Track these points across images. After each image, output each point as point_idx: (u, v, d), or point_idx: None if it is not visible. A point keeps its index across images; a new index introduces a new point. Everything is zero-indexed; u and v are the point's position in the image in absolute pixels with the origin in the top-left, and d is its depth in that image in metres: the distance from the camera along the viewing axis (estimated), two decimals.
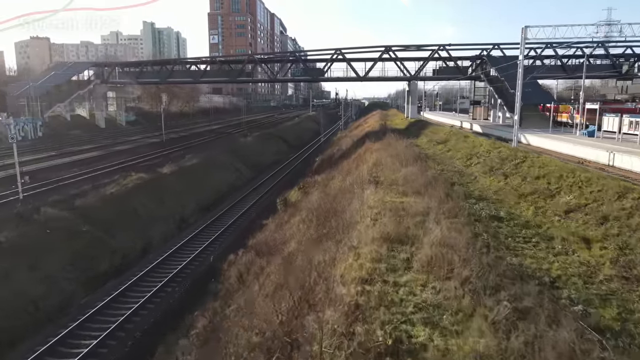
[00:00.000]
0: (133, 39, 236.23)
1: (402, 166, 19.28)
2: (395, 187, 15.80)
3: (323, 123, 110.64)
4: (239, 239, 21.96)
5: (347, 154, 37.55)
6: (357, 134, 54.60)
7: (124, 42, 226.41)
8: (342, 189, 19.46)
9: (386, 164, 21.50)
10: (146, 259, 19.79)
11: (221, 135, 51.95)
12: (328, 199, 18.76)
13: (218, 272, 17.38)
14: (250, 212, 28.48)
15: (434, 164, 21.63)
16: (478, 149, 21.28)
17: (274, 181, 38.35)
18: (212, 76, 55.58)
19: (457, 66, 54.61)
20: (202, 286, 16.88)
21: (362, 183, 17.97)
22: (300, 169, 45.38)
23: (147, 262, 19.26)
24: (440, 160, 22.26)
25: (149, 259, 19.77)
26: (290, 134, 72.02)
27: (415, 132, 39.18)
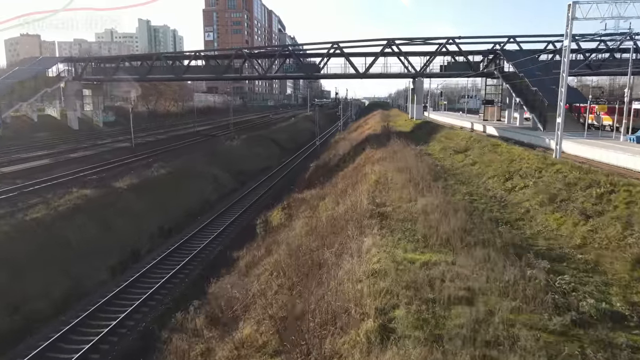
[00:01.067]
0: (128, 37, 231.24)
1: (416, 190, 13.88)
2: (410, 229, 10.40)
3: (321, 124, 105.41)
4: (197, 283, 16.52)
5: (343, 162, 32.15)
6: (356, 137, 49.14)
7: (118, 40, 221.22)
8: (334, 220, 14.03)
9: (393, 183, 16.12)
10: (59, 319, 14.25)
11: (205, 138, 46.56)
12: (312, 237, 13.32)
13: None
14: (223, 236, 23.04)
15: (457, 184, 16.18)
16: (519, 165, 15.68)
17: (259, 193, 32.90)
18: (196, 72, 50.23)
19: (467, 61, 49.09)
20: None
21: (360, 216, 12.54)
22: (291, 177, 39.97)
23: (59, 325, 13.78)
24: (466, 179, 16.82)
25: (63, 320, 14.22)
26: (284, 135, 66.64)
27: (424, 136, 33.66)
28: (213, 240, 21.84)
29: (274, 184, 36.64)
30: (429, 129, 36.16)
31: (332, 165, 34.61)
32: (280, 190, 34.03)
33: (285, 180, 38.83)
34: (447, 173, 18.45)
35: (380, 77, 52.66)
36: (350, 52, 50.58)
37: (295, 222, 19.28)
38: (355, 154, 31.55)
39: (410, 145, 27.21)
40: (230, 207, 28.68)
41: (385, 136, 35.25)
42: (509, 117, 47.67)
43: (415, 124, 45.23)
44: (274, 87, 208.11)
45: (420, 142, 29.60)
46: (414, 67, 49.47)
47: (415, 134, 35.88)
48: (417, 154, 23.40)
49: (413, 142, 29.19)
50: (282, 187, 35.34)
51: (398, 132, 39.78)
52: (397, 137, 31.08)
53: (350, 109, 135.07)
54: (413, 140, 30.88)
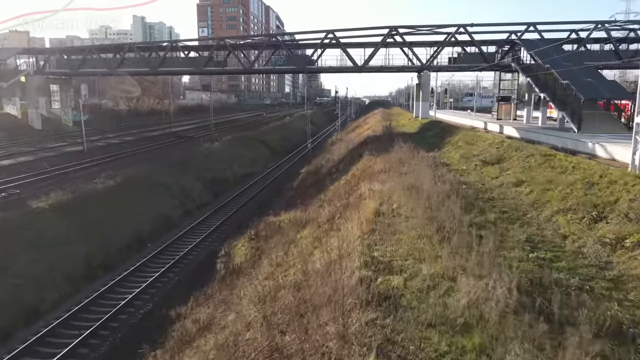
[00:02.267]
0: (122, 34, 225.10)
1: (440, 237, 8.06)
2: None
3: (319, 123, 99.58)
4: None
5: (336, 171, 26.32)
6: (353, 138, 43.23)
7: (112, 37, 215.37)
8: (306, 279, 8.17)
9: (402, 216, 10.36)
10: None
11: (181, 140, 40.73)
12: (262, 329, 7.44)
13: None
14: (169, 275, 17.16)
15: (502, 221, 10.08)
16: (609, 191, 9.96)
17: (234, 208, 27.03)
18: (174, 65, 44.41)
19: (480, 52, 43.12)
20: None
21: (345, 296, 6.65)
22: (277, 187, 34.13)
23: None
24: (513, 211, 10.64)
25: None
26: (276, 136, 60.79)
27: (435, 139, 27.69)
28: (151, 286, 15.94)
29: (254, 196, 30.75)
30: (439, 130, 30.16)
31: (323, 174, 28.75)
32: (260, 205, 28.17)
33: (269, 191, 32.97)
34: (480, 197, 12.52)
35: (382, 70, 46.71)
36: (348, 42, 44.67)
37: (261, 265, 13.47)
38: (351, 161, 25.66)
39: (419, 151, 21.29)
40: (193, 227, 22.81)
41: (387, 138, 29.33)
42: (527, 115, 41.75)
43: (421, 124, 39.25)
44: (272, 85, 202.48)
45: (432, 148, 23.66)
46: (420, 59, 43.54)
47: (423, 137, 29.90)
48: (430, 164, 17.47)
49: (422, 147, 23.27)
50: (263, 201, 29.46)
51: (402, 133, 33.87)
52: (401, 139, 25.13)
53: (350, 107, 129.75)
54: (422, 144, 24.97)
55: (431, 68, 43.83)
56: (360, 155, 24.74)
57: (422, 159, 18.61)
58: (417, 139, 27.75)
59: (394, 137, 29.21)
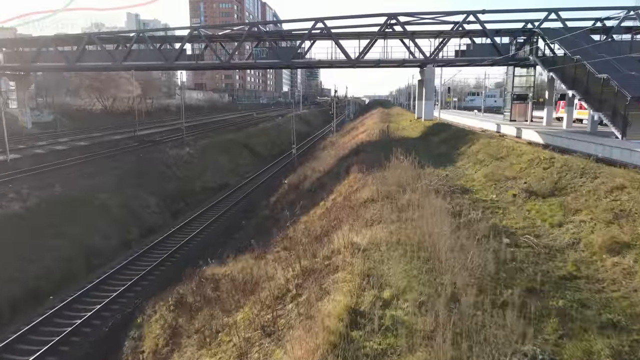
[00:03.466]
0: None
1: None
2: None
3: (315, 123, 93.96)
4: None
5: (317, 190, 20.55)
6: (346, 142, 37.48)
7: None
8: None
9: (405, 343, 4.54)
10: None
11: (145, 145, 34.98)
12: None
13: None
14: None
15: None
16: None
17: (189, 235, 21.24)
18: (141, 59, 38.65)
19: (493, 44, 37.30)
20: None
21: None
22: (251, 203, 28.45)
23: None
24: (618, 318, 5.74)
25: None
26: (262, 139, 55.18)
27: (444, 146, 21.83)
28: None
29: (221, 215, 25.01)
30: (448, 136, 24.28)
31: (304, 191, 23.03)
32: (224, 230, 22.47)
33: (241, 207, 27.26)
34: (546, 276, 6.70)
35: (379, 65, 40.94)
36: (340, 32, 38.90)
37: None
38: (336, 177, 19.88)
39: (424, 167, 15.56)
40: (117, 271, 16.98)
41: (383, 146, 23.58)
42: (548, 116, 35.94)
43: (425, 126, 33.36)
44: (268, 84, 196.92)
45: (442, 161, 17.85)
46: (423, 51, 37.75)
47: (429, 144, 24.06)
48: (443, 191, 11.71)
49: (428, 160, 17.49)
50: (230, 223, 23.74)
51: (402, 138, 28.18)
52: (401, 147, 19.35)
53: (349, 107, 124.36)
54: (427, 155, 19.19)
55: (436, 62, 38.03)
56: (348, 169, 18.99)
57: (431, 182, 12.83)
58: (421, 147, 21.96)
59: (391, 145, 23.47)
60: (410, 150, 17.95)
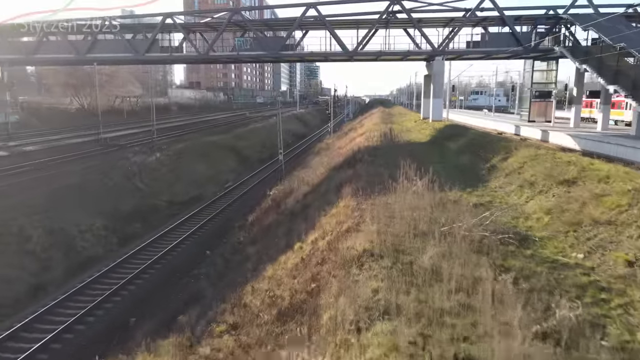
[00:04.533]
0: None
1: None
2: None
3: (313, 124, 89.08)
4: None
5: (299, 213, 15.62)
6: (341, 147, 32.50)
7: None
8: None
9: None
10: None
11: (108, 150, 29.99)
12: None
13: None
14: None
15: None
16: None
17: (131, 273, 16.25)
18: (107, 50, 33.65)
19: (512, 33, 32.29)
20: None
21: None
22: (226, 222, 23.51)
23: None
24: None
25: None
26: (252, 141, 50.10)
27: (466, 156, 16.74)
28: None
29: (183, 241, 20.02)
30: (468, 141, 19.17)
31: (285, 213, 18.09)
32: (182, 264, 17.53)
33: (210, 230, 22.29)
34: None
35: (380, 58, 36.01)
36: (336, 20, 33.98)
37: None
38: (324, 197, 14.89)
39: (444, 188, 10.62)
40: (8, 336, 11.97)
41: (385, 153, 18.69)
42: (576, 116, 30.99)
43: (435, 128, 28.24)
44: (266, 83, 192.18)
45: (468, 179, 12.90)
46: (430, 41, 32.76)
47: (443, 151, 19.01)
48: (489, 246, 6.78)
49: (447, 175, 12.51)
50: (188, 255, 18.76)
51: (408, 143, 23.20)
52: (408, 156, 14.41)
53: (349, 106, 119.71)
54: (444, 167, 14.22)
55: (446, 53, 33.00)
56: (339, 189, 14.02)
57: (462, 220, 7.86)
58: (434, 156, 16.97)
59: (396, 152, 18.48)
60: (422, 161, 12.99)
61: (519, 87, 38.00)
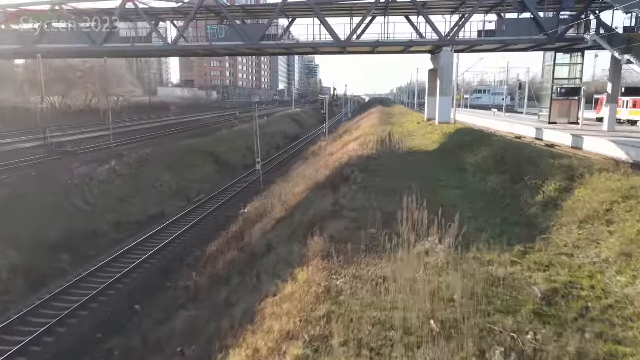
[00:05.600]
0: None
1: None
2: None
3: (310, 124, 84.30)
4: None
5: (261, 258, 10.74)
6: (333, 153, 27.62)
7: None
8: None
9: None
10: None
11: (53, 158, 25.10)
12: None
13: None
14: None
15: None
16: None
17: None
18: (59, 41, 28.64)
19: (534, 18, 27.34)
20: None
21: None
22: (185, 248, 18.70)
23: None
24: None
25: None
26: (236, 145, 45.14)
27: (496, 178, 11.69)
28: None
29: (115, 282, 15.17)
30: (494, 153, 14.00)
31: (244, 252, 13.24)
32: (101, 323, 12.71)
33: (160, 262, 17.45)
34: None
35: (378, 50, 31.09)
36: (326, 6, 29.04)
37: None
38: (288, 248, 9.97)
39: (471, 244, 5.77)
40: None
41: (380, 170, 13.83)
42: (610, 117, 26.05)
43: (444, 133, 23.20)
44: (263, 81, 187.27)
45: (513, 223, 8.07)
46: (437, 29, 27.81)
47: (459, 168, 14.02)
48: None
49: (473, 213, 7.71)
50: (118, 307, 13.90)
51: (411, 153, 18.36)
52: (412, 175, 9.57)
53: (348, 105, 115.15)
54: (465, 196, 9.35)
55: (455, 43, 28.04)
56: (310, 233, 9.14)
57: None
58: (447, 174, 12.13)
59: (395, 167, 13.62)
60: (431, 184, 8.17)
61: (540, 83, 33.02)
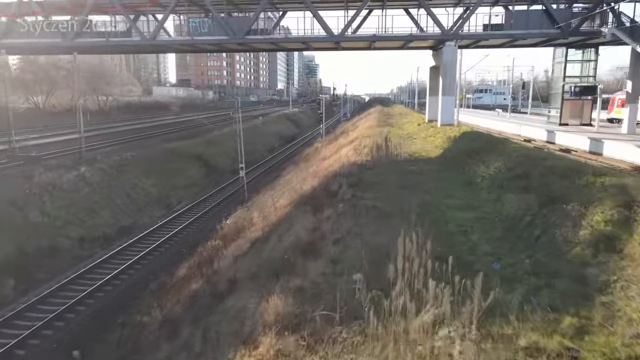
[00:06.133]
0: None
1: None
2: None
3: (308, 124, 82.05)
4: None
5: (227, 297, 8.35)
6: (325, 158, 25.27)
7: None
8: None
9: None
10: None
11: (15, 164, 22.76)
12: None
13: None
14: None
15: None
16: None
17: None
18: (27, 35, 26.06)
19: (546, 10, 24.94)
20: None
21: None
22: (151, 270, 16.37)
23: None
24: None
25: None
26: (226, 147, 42.57)
27: (514, 196, 9.33)
28: None
29: (47, 323, 12.81)
30: (511, 164, 11.54)
31: (210, 282, 10.86)
32: None
33: (117, 292, 15.08)
34: None
35: (374, 46, 28.74)
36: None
37: None
38: (249, 300, 7.60)
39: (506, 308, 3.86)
40: None
41: (375, 183, 11.42)
42: (630, 119, 23.67)
43: (447, 136, 20.75)
44: (261, 80, 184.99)
45: (551, 274, 5.68)
46: (440, 22, 25.40)
47: (469, 182, 11.62)
48: None
49: (493, 249, 5.40)
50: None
51: (411, 160, 16.02)
52: (412, 191, 7.13)
53: (347, 105, 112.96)
54: (481, 223, 7.04)
55: (459, 37, 25.62)
56: (281, 271, 6.72)
57: None
58: (455, 189, 9.80)
59: (392, 181, 11.26)
60: (436, 204, 5.86)
61: (551, 81, 30.65)
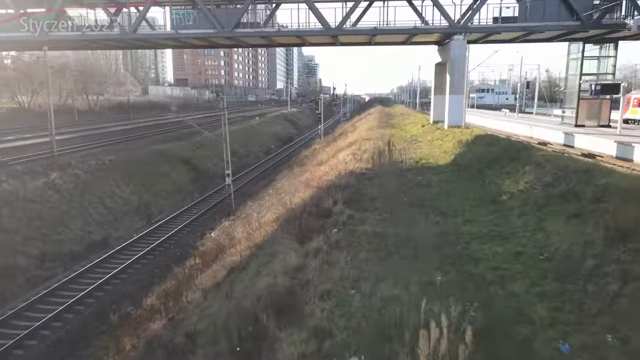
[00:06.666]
0: None
1: None
2: None
3: (306, 124, 79.90)
4: None
5: None
6: (320, 163, 23.06)
7: None
8: None
9: None
10: None
11: None
12: None
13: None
14: None
15: None
16: None
17: None
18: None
19: (564, 0, 22.64)
20: None
21: None
22: (115, 298, 14.10)
23: None
24: None
25: None
26: (219, 149, 40.28)
27: (560, 221, 7.23)
28: None
29: None
30: (549, 179, 9.27)
31: (174, 325, 8.56)
32: None
33: (84, 317, 12.83)
34: None
35: (375, 41, 26.45)
36: None
37: None
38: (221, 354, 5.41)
39: None
40: None
41: (374, 198, 9.12)
42: None
43: (459, 141, 18.31)
44: (260, 80, 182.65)
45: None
46: (447, 14, 23.12)
47: (491, 200, 9.36)
48: None
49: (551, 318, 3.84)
50: None
51: (415, 168, 13.73)
52: (421, 210, 4.90)
53: (347, 105, 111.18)
54: (521, 261, 5.06)
55: (468, 30, 23.32)
56: (248, 338, 4.52)
57: None
58: (477, 212, 7.50)
59: (395, 196, 8.95)
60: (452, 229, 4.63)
61: (565, 79, 28.37)
